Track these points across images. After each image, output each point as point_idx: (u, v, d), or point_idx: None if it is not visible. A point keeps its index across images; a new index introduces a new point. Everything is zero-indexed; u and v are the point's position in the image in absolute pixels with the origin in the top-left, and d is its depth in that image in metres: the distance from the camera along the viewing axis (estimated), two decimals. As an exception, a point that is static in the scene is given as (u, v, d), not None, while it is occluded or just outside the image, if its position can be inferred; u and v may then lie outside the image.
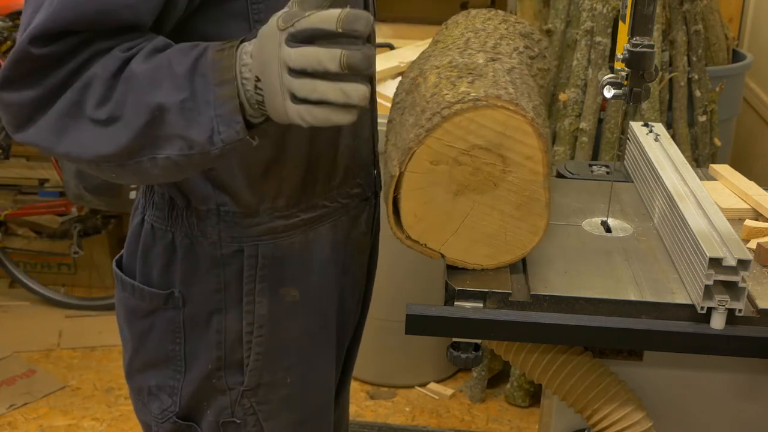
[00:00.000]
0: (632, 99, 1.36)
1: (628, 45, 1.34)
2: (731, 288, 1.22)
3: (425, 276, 2.40)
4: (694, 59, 2.67)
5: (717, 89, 2.72)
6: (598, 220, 1.49)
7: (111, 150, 1.03)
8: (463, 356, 1.31)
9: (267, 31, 0.98)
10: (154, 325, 1.30)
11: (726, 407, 1.41)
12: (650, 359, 1.38)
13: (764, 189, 1.59)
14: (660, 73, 2.60)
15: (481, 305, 1.25)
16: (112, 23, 1.02)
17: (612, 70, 1.40)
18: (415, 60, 1.42)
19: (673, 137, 2.60)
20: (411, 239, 1.27)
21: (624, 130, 2.56)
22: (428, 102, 1.22)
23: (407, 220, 1.25)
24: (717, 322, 1.22)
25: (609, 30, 2.56)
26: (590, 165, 1.78)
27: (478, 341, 1.31)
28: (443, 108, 1.18)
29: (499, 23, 1.48)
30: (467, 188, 1.22)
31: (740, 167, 1.78)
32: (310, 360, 1.34)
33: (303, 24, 0.96)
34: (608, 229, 1.47)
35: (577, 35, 2.61)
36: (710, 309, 1.21)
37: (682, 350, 1.26)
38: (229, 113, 1.00)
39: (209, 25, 1.13)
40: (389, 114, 1.41)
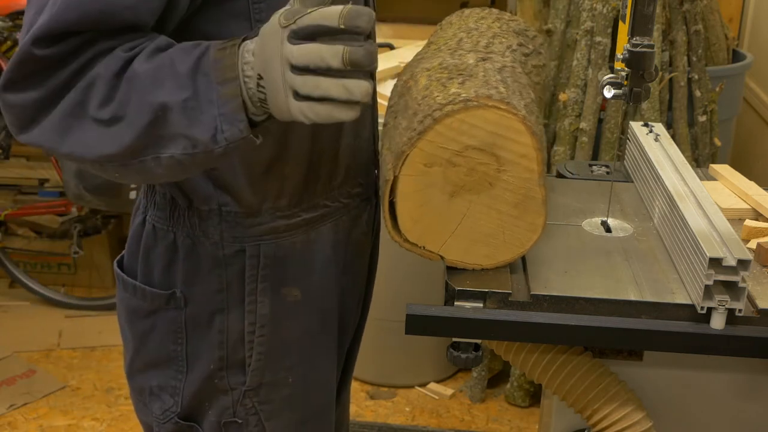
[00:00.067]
0: (632, 99, 1.36)
1: (628, 45, 1.34)
2: (731, 288, 1.22)
3: (425, 276, 2.40)
4: (694, 59, 2.67)
5: (717, 89, 2.72)
6: (598, 220, 1.50)
7: (114, 150, 1.03)
8: (463, 356, 1.31)
9: (269, 29, 0.98)
10: (156, 326, 1.30)
11: (726, 407, 1.41)
12: (650, 359, 1.38)
13: (764, 189, 1.59)
14: (660, 73, 2.60)
15: (481, 305, 1.25)
16: (115, 24, 1.02)
17: (612, 70, 1.40)
18: (409, 62, 1.42)
19: (673, 137, 2.60)
20: (409, 242, 1.26)
21: (624, 130, 2.56)
22: (419, 105, 1.21)
23: (404, 224, 1.24)
24: (717, 322, 1.22)
25: (609, 30, 2.56)
26: (590, 165, 1.78)
27: (478, 341, 1.31)
28: (434, 110, 1.18)
29: (493, 22, 1.48)
30: (463, 189, 1.22)
31: (740, 167, 1.78)
32: (312, 360, 1.34)
33: (305, 21, 0.96)
34: (608, 229, 1.47)
35: (577, 35, 2.61)
36: (710, 309, 1.22)
37: (682, 350, 1.26)
38: (233, 112, 1.00)
39: (210, 25, 1.13)
40: (384, 118, 1.41)
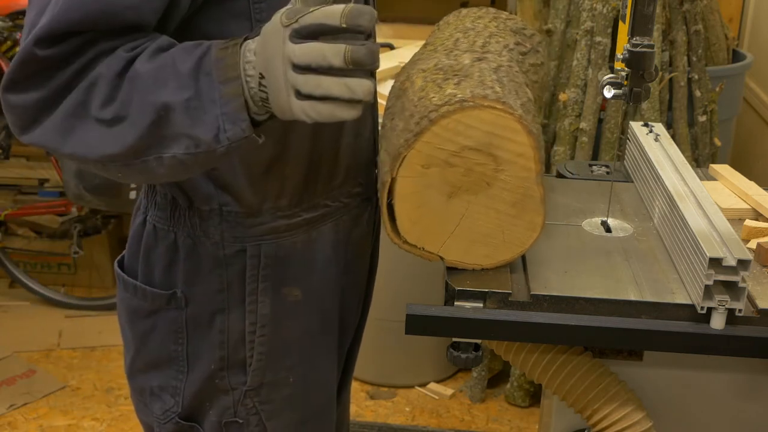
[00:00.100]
0: (632, 99, 1.36)
1: (628, 45, 1.34)
2: (731, 288, 1.22)
3: (425, 276, 2.40)
4: (694, 59, 2.68)
5: (717, 89, 2.72)
6: (598, 220, 1.50)
7: (117, 150, 1.03)
8: (463, 356, 1.31)
9: (270, 28, 0.98)
10: (157, 326, 1.30)
11: (726, 407, 1.41)
12: (650, 359, 1.38)
13: (764, 189, 1.59)
14: (660, 73, 2.60)
15: (481, 305, 1.25)
16: (116, 24, 1.02)
17: (612, 70, 1.40)
18: (406, 64, 1.42)
19: (673, 137, 2.60)
20: (408, 244, 1.26)
21: (624, 130, 2.56)
22: (416, 106, 1.21)
23: (403, 225, 1.24)
24: (717, 322, 1.22)
25: (609, 30, 2.56)
26: (590, 165, 1.78)
27: (478, 341, 1.31)
28: (430, 111, 1.18)
29: (490, 21, 1.47)
30: (461, 189, 1.22)
31: (740, 167, 1.78)
32: (312, 359, 1.34)
33: (307, 20, 0.96)
34: (608, 229, 1.47)
35: (577, 35, 2.61)
36: (710, 309, 1.21)
37: (682, 350, 1.26)
38: (235, 111, 1.00)
39: (211, 24, 1.13)
40: (382, 120, 1.41)
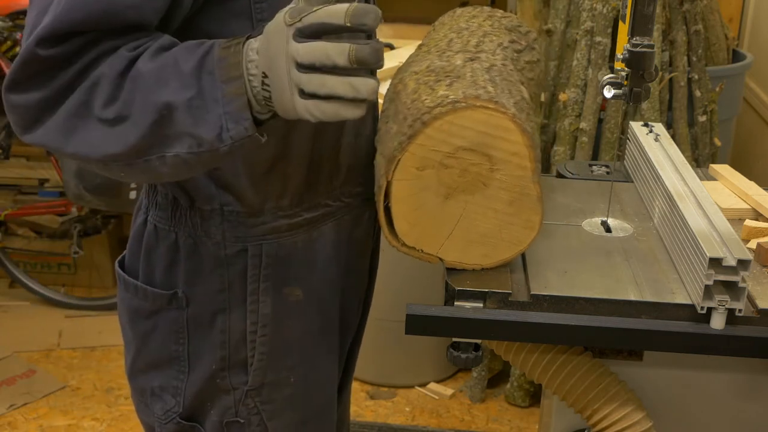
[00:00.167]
0: (632, 99, 1.36)
1: (628, 45, 1.34)
2: (731, 288, 1.22)
3: (425, 276, 2.40)
4: (694, 59, 2.68)
5: (717, 89, 2.72)
6: (598, 220, 1.50)
7: (119, 149, 1.03)
8: (463, 356, 1.31)
9: (273, 27, 0.98)
10: (158, 326, 1.30)
11: (726, 407, 1.41)
12: (650, 359, 1.38)
13: (764, 189, 1.59)
14: (660, 73, 2.60)
15: (481, 305, 1.25)
16: (118, 23, 1.02)
17: (612, 70, 1.40)
18: (400, 67, 1.42)
19: (673, 137, 2.60)
20: (407, 246, 1.26)
21: (624, 130, 2.56)
22: (409, 109, 1.21)
23: (401, 228, 1.24)
24: (717, 322, 1.22)
25: (609, 30, 2.56)
26: (590, 165, 1.78)
27: (478, 341, 1.31)
28: (423, 113, 1.18)
29: (484, 20, 1.47)
30: (457, 190, 1.22)
31: (740, 167, 1.78)
32: (313, 359, 1.34)
33: (311, 19, 0.96)
34: (608, 229, 1.47)
35: (577, 35, 2.61)
36: (710, 309, 1.22)
37: (682, 350, 1.26)
38: (238, 110, 1.00)
39: (212, 24, 1.13)
40: (378, 124, 1.41)
